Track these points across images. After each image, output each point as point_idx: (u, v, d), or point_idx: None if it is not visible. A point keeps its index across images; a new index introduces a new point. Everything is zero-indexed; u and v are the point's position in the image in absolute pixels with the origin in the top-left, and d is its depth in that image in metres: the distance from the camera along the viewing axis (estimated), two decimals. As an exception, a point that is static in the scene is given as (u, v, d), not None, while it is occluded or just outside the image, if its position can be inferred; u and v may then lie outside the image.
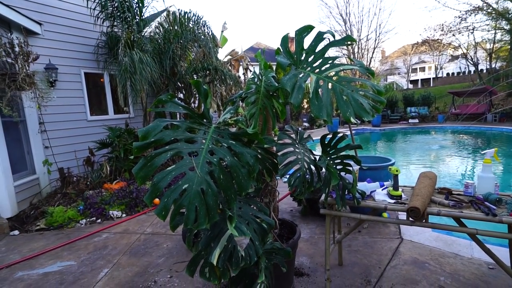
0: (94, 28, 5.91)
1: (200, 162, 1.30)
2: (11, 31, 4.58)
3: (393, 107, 17.37)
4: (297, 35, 1.74)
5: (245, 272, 1.68)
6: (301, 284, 2.37)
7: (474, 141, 10.95)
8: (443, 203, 1.92)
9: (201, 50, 7.08)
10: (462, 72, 29.01)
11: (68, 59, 5.68)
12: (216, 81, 7.27)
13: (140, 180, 1.21)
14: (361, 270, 2.52)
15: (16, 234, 3.84)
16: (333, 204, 2.18)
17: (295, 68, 1.72)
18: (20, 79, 4.04)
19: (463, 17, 18.13)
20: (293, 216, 3.86)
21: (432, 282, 2.28)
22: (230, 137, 1.47)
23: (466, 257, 2.62)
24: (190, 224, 1.20)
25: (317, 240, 3.14)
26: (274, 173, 1.88)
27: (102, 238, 3.56)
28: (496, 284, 2.22)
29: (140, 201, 4.47)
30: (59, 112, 5.47)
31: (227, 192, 1.30)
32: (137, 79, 5.45)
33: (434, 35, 21.72)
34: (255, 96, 1.91)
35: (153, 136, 1.29)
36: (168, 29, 6.78)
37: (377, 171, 3.43)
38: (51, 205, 4.42)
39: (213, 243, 1.51)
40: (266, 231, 1.66)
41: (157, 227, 3.79)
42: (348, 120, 1.53)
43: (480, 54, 21.60)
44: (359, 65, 1.71)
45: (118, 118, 6.66)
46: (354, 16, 28.44)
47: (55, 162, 5.14)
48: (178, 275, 2.64)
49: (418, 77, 37.56)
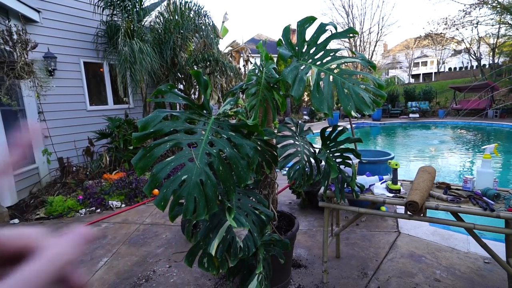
0: (94, 16, 5.83)
1: (199, 153, 1.30)
2: (9, 18, 4.52)
3: (394, 101, 17.30)
4: (299, 27, 1.71)
5: (243, 263, 1.69)
6: (299, 275, 2.40)
7: (474, 137, 10.94)
8: (442, 197, 1.92)
9: (202, 41, 7.01)
10: (464, 67, 28.79)
11: (67, 48, 5.62)
12: (217, 73, 7.22)
13: (139, 171, 1.21)
14: (358, 262, 2.55)
15: (16, 223, 3.86)
16: (332, 197, 2.19)
17: (296, 60, 1.70)
18: (19, 68, 4.00)
19: (467, 11, 17.92)
20: (292, 208, 3.88)
21: (428, 275, 2.31)
22: (230, 128, 1.46)
23: (462, 251, 2.64)
24: (189, 215, 1.20)
25: (315, 232, 3.16)
26: (273, 165, 1.88)
27: (102, 228, 3.58)
28: (491, 278, 2.24)
29: (140, 192, 4.48)
30: (59, 101, 5.44)
31: (226, 183, 1.30)
32: (137, 69, 5.41)
33: (437, 29, 21.53)
34: (255, 87, 1.90)
35: (153, 127, 1.28)
36: (168, 19, 6.71)
37: (376, 165, 3.44)
38: (51, 195, 4.43)
39: (212, 234, 1.52)
40: (264, 222, 1.67)
41: (156, 217, 3.82)
42: (348, 114, 1.52)
43: (483, 49, 21.40)
44: (361, 58, 1.69)
45: (117, 109, 6.63)
46: (357, 8, 28.16)
47: (54, 152, 5.13)
48: (176, 265, 2.66)
49: (420, 71, 37.30)
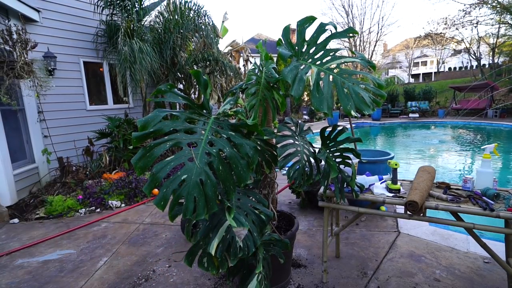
0: (94, 16, 5.83)
1: (199, 153, 1.30)
2: (9, 18, 4.52)
3: (394, 101, 17.31)
4: (299, 26, 1.71)
5: (243, 262, 1.69)
6: (299, 275, 2.40)
7: (474, 137, 10.95)
8: (441, 197, 1.92)
9: (202, 41, 7.00)
10: (464, 67, 28.80)
11: (67, 47, 5.62)
12: (217, 72, 7.21)
13: (139, 170, 1.21)
14: (358, 262, 2.55)
15: (16, 222, 3.86)
16: (332, 196, 2.19)
17: (296, 59, 1.70)
18: (19, 67, 4.00)
19: (467, 11, 17.92)
20: (292, 208, 3.89)
21: (427, 275, 2.31)
22: (230, 128, 1.46)
23: (462, 251, 2.64)
24: (189, 215, 1.20)
25: (315, 232, 3.16)
26: (273, 165, 1.88)
27: (101, 228, 3.58)
28: (491, 277, 2.24)
29: (139, 191, 4.48)
30: (58, 101, 5.44)
31: (226, 183, 1.30)
32: (136, 69, 5.41)
33: (437, 28, 21.53)
34: (255, 87, 1.90)
35: (152, 127, 1.28)
36: (168, 19, 6.70)
37: (376, 165, 3.44)
38: (51, 194, 4.43)
39: (212, 233, 1.52)
40: (264, 222, 1.67)
41: (156, 217, 3.82)
42: (348, 113, 1.52)
43: (483, 49, 21.40)
44: (360, 58, 1.69)
45: (117, 108, 6.62)
46: (356, 8, 28.14)
47: (54, 152, 5.13)
48: (176, 264, 2.66)
49: (420, 71, 37.31)
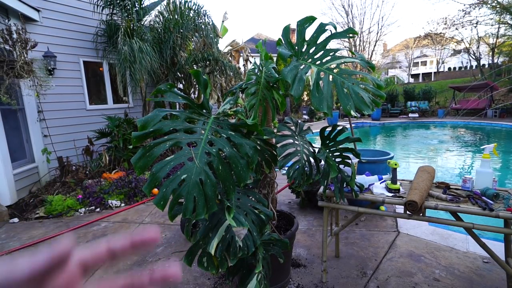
0: (93, 16, 5.82)
1: (199, 152, 1.30)
2: (9, 17, 4.52)
3: (394, 101, 17.32)
4: (299, 26, 1.71)
5: (242, 262, 1.70)
6: (298, 275, 2.40)
7: (474, 137, 10.95)
8: (441, 197, 1.93)
9: (202, 40, 7.01)
10: (464, 67, 28.82)
11: (66, 47, 5.62)
12: (216, 72, 7.22)
13: (139, 170, 1.21)
14: (357, 262, 2.55)
15: (15, 222, 3.86)
16: (332, 196, 2.19)
17: (296, 59, 1.70)
18: (18, 67, 4.00)
19: (467, 11, 17.95)
20: (291, 208, 3.89)
21: (427, 275, 2.31)
22: (230, 128, 1.47)
23: (461, 251, 2.64)
24: (188, 214, 1.20)
25: (314, 232, 3.16)
26: (273, 165, 1.88)
27: (101, 227, 3.58)
28: (490, 277, 2.25)
29: (139, 191, 4.48)
30: (58, 100, 5.43)
31: (225, 183, 1.30)
32: (136, 69, 5.41)
33: (437, 28, 21.57)
34: (255, 87, 1.90)
35: (152, 126, 1.28)
36: (168, 18, 6.70)
37: (375, 165, 3.44)
38: (50, 194, 4.43)
39: (211, 233, 1.52)
40: (264, 222, 1.67)
41: (155, 216, 3.82)
42: (348, 113, 1.52)
43: (482, 49, 21.41)
44: (360, 58, 1.70)
45: (117, 108, 6.62)
46: (356, 8, 28.16)
47: (54, 151, 5.13)
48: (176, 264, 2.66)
49: (420, 71, 37.30)
